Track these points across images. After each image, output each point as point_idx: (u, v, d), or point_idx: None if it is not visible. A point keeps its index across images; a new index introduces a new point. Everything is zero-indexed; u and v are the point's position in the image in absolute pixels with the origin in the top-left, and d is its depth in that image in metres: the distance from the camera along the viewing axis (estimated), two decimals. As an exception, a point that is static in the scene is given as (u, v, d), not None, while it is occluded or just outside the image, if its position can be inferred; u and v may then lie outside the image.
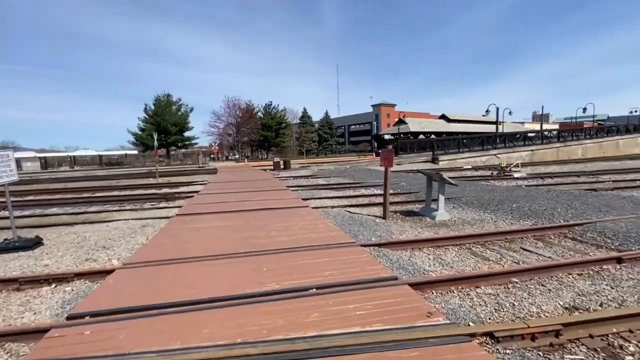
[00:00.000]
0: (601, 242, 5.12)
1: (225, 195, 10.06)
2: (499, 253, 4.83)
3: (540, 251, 4.87)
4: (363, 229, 6.12)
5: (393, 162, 6.82)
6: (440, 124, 55.73)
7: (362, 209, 8.35)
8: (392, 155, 6.81)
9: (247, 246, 4.77)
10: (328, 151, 67.15)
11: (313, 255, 4.32)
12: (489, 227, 6.19)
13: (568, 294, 3.45)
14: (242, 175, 18.29)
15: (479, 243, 5.30)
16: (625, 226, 5.65)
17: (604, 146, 32.27)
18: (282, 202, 8.56)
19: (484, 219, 6.87)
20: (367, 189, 11.90)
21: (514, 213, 7.08)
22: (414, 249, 5.06)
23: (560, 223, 6.04)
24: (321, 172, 20.26)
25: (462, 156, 23.46)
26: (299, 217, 6.78)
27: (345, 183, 13.75)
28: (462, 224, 6.48)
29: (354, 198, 10.06)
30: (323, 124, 68.45)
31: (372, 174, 16.62)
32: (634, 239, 5.06)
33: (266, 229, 5.83)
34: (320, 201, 9.60)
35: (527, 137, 29.29)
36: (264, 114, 55.26)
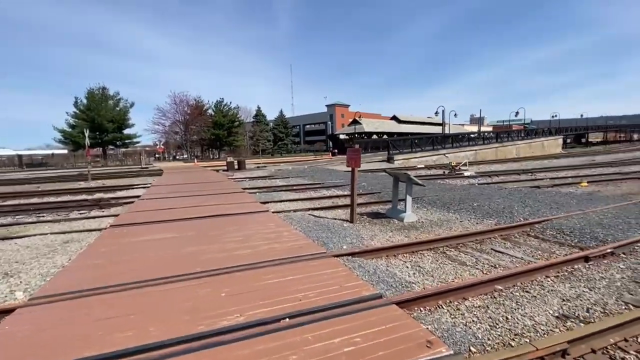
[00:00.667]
0: (562, 240, 5.24)
1: (171, 201, 8.92)
2: (473, 256, 4.67)
3: (510, 252, 4.80)
4: (332, 235, 5.64)
5: (360, 162, 6.46)
6: (392, 125, 57.89)
7: (327, 211, 7.88)
8: (359, 155, 6.43)
9: (199, 264, 3.99)
10: (284, 151, 66.12)
11: (281, 271, 3.71)
12: (457, 228, 6.10)
13: (553, 299, 3.30)
14: (191, 176, 16.81)
15: (452, 246, 5.13)
16: (578, 222, 5.90)
17: (533, 146, 36.05)
18: (238, 206, 7.75)
19: (450, 219, 6.81)
20: (328, 190, 11.49)
21: (476, 212, 7.14)
22: (389, 256, 4.70)
23: (521, 221, 6.16)
24: (279, 172, 19.50)
25: (415, 156, 24.36)
26: (259, 224, 6.09)
27: (306, 184, 13.22)
28: (430, 226, 6.33)
29: (317, 200, 9.57)
30: (278, 123, 67.20)
31: (332, 174, 16.32)
32: (588, 235, 5.26)
33: (222, 240, 5.06)
34: (281, 204, 8.94)
35: (471, 138, 31.51)
36: (215, 112, 52.46)
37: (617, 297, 3.30)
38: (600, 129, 73.12)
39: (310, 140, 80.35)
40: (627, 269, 3.99)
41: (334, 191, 11.21)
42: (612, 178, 12.76)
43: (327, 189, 11.69)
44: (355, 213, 6.69)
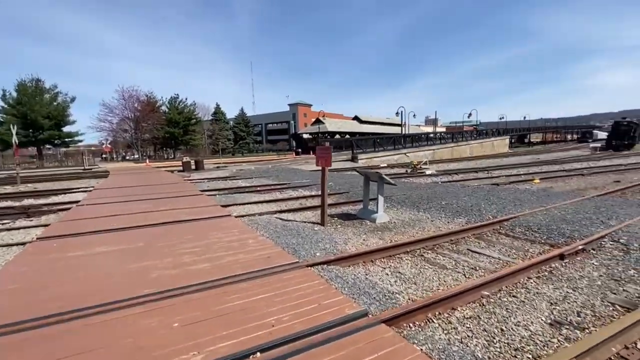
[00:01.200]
0: (532, 237, 5.26)
1: (117, 206, 7.84)
2: (452, 258, 4.47)
3: (486, 252, 4.69)
4: (303, 240, 5.16)
5: (331, 161, 6.05)
6: (354, 125, 58.66)
7: (295, 214, 7.38)
8: (329, 153, 6.02)
9: (146, 284, 3.31)
10: (245, 150, 64.17)
11: (248, 289, 3.17)
12: (430, 228, 5.94)
13: (541, 303, 3.14)
14: (142, 178, 15.32)
15: (428, 248, 4.91)
16: (543, 219, 6.03)
17: (484, 146, 38.51)
18: (196, 211, 6.97)
19: (421, 218, 6.67)
20: (295, 191, 10.98)
21: (445, 211, 7.09)
22: (366, 262, 4.34)
23: (491, 220, 6.16)
24: (241, 172, 18.55)
25: (378, 155, 24.68)
26: (220, 230, 5.44)
27: (271, 184, 12.57)
28: (403, 226, 6.11)
29: (284, 202, 9.02)
30: (239, 122, 65.03)
31: (297, 174, 15.81)
32: (556, 231, 5.34)
33: (176, 252, 4.37)
34: (245, 207, 8.27)
35: (429, 138, 32.80)
36: (169, 108, 49.24)
37: (602, 297, 3.22)
38: (540, 130, 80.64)
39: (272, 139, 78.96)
40: (601, 265, 4.01)
41: (301, 192, 10.72)
42: (559, 175, 13.74)
43: (294, 190, 11.17)
44: (327, 215, 6.27)
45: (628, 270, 3.85)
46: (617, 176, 13.30)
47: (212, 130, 57.40)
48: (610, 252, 4.45)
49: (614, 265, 3.99)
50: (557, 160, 22.67)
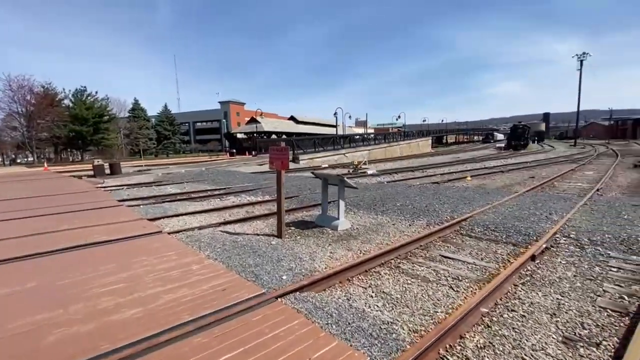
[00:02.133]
0: (493, 237, 5.26)
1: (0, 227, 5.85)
2: (429, 267, 4.13)
3: (459, 257, 4.47)
4: (261, 259, 4.30)
5: (288, 163, 5.28)
6: (290, 125, 58.00)
7: (243, 225, 6.40)
8: (287, 154, 5.25)
9: (39, 356, 2.15)
10: (171, 151, 58.55)
11: (202, 347, 2.26)
12: (394, 233, 5.60)
13: (542, 316, 2.90)
14: (38, 186, 12.31)
15: (402, 257, 4.51)
16: (496, 217, 6.18)
17: (412, 146, 41.55)
18: (115, 229, 5.52)
19: (382, 222, 6.32)
20: (238, 196, 9.84)
21: (403, 212, 6.89)
22: (343, 282, 3.70)
23: (450, 220, 6.10)
24: (169, 176, 16.36)
25: (318, 155, 24.47)
26: (151, 253, 4.25)
27: (208, 190, 11.14)
28: (367, 232, 5.66)
29: (226, 210, 7.88)
30: (162, 119, 59.01)
31: (236, 177, 14.49)
32: (511, 229, 5.45)
33: (89, 291, 3.16)
34: (179, 220, 6.94)
35: (365, 139, 33.98)
36: (74, 103, 42.04)
37: (591, 302, 3.13)
38: (453, 132, 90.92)
39: (202, 139, 73.81)
40: (569, 264, 4.06)
41: (245, 197, 9.65)
42: (484, 173, 15.12)
43: (236, 196, 10.02)
44: (284, 225, 5.48)
45: (593, 267, 3.94)
46: (528, 172, 15.17)
47: (130, 129, 50.93)
48: (567, 248, 4.61)
49: (579, 263, 4.07)
50: (475, 159, 25.35)
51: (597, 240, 4.73)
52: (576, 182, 11.75)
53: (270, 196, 9.54)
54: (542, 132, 71.66)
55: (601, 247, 4.51)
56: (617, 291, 3.31)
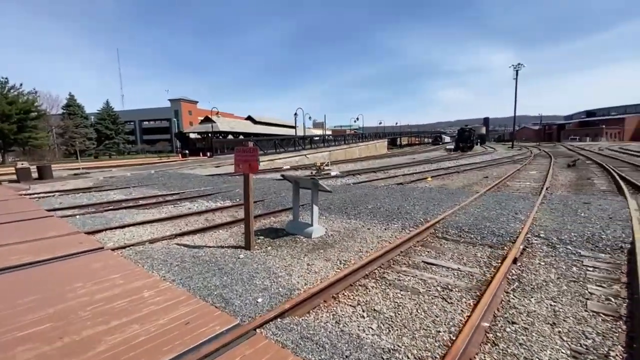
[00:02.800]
0: (469, 239, 5.20)
1: None
2: (415, 276, 3.86)
3: (442, 262, 4.28)
4: (229, 278, 3.71)
5: (257, 165, 4.71)
6: (247, 125, 56.18)
7: (203, 236, 5.67)
8: (256, 156, 4.68)
9: None
10: (113, 151, 53.49)
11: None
12: (371, 239, 5.30)
13: (544, 327, 2.74)
14: (-62, 195, 10.12)
15: (385, 266, 4.20)
16: (467, 218, 6.19)
17: (370, 147, 42.57)
18: (42, 246, 4.51)
19: (356, 227, 6.01)
20: (194, 202, 8.92)
21: (376, 215, 6.65)
22: (328, 301, 3.27)
23: (424, 223, 5.98)
24: (111, 181, 14.59)
25: (280, 156, 23.77)
26: (90, 277, 3.46)
27: (159, 196, 10.00)
28: (342, 239, 5.29)
29: (182, 219, 7.01)
30: (103, 117, 53.70)
31: (191, 180, 13.33)
32: (484, 230, 5.45)
33: (3, 335, 2.36)
34: (125, 232, 5.98)
35: (326, 140, 33.95)
36: (-8, 96, 36.32)
37: (583, 306, 3.06)
38: (406, 134, 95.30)
39: (150, 139, 68.68)
40: (548, 265, 4.05)
41: (203, 203, 8.78)
42: (442, 173, 15.70)
43: (193, 201, 9.09)
44: (253, 235, 4.89)
45: (571, 267, 3.97)
46: (481, 172, 16.08)
47: (64, 127, 45.52)
48: (541, 248, 4.66)
49: (557, 264, 4.09)
50: (430, 160, 26.51)
51: (565, 239, 4.86)
52: (525, 181, 12.62)
53: (231, 201, 8.80)
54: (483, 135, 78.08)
55: (571, 246, 4.63)
56: (602, 293, 3.31)
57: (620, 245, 4.50)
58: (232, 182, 12.65)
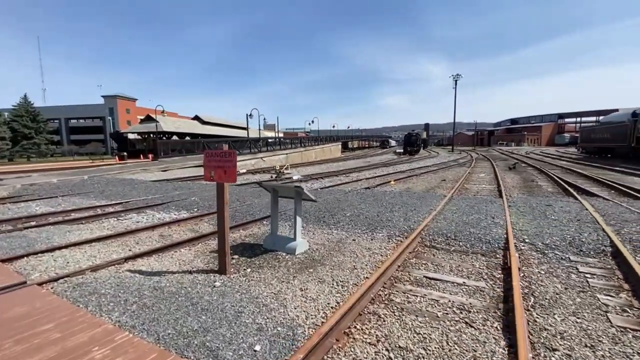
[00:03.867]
0: (459, 247, 5.01)
1: None
2: (425, 297, 3.47)
3: (445, 277, 3.97)
4: (209, 317, 2.93)
5: (236, 172, 3.95)
6: (195, 125, 52.56)
7: (162, 257, 4.69)
8: (234, 160, 3.91)
9: None
10: (33, 153, 46.33)
11: None
12: (361, 252, 4.83)
13: (587, 353, 2.48)
14: None
15: (387, 285, 3.76)
16: (449, 224, 6.06)
17: (325, 150, 42.63)
18: None
19: (341, 238, 5.51)
20: (142, 214, 7.64)
21: (357, 224, 6.22)
22: (341, 340, 2.69)
23: (409, 231, 5.69)
24: (33, 189, 12.17)
25: (234, 159, 22.27)
26: (8, 331, 2.44)
27: (97, 207, 8.42)
28: (330, 254, 4.74)
29: (131, 236, 5.84)
30: (20, 114, 46.24)
31: (135, 187, 11.67)
32: (472, 237, 5.32)
33: None
34: (57, 258, 4.70)
35: (282, 142, 33.05)
36: None
37: (607, 322, 2.90)
38: (356, 138, 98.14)
39: (79, 139, 61.04)
40: (548, 274, 3.95)
41: (154, 215, 7.56)
42: (402, 177, 15.98)
43: (140, 213, 7.80)
44: (229, 256, 4.10)
45: (569, 275, 3.91)
46: (437, 175, 16.73)
47: (-36, 124, 38.16)
48: (532, 254, 4.61)
49: (555, 271, 4.02)
50: (385, 163, 27.20)
51: (550, 244, 4.89)
52: (480, 184, 13.30)
53: (188, 212, 7.72)
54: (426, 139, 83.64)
55: (558, 251, 4.65)
56: (615, 303, 3.22)
57: (602, 249, 4.63)
58: (184, 188, 11.34)
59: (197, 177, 16.06)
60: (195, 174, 17.96)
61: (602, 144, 27.66)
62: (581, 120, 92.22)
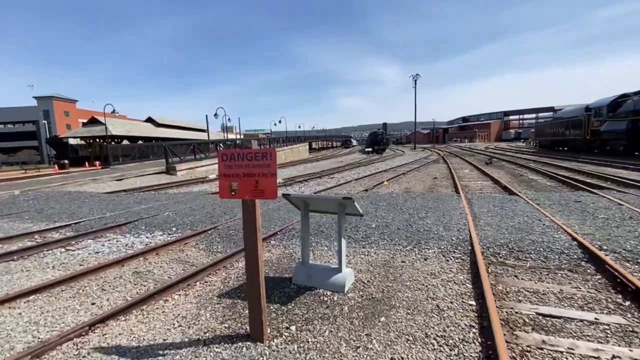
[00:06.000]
0: (537, 264, 4.07)
1: None
2: (572, 355, 2.39)
3: (564, 312, 2.94)
4: None
5: (276, 182, 2.55)
6: (148, 128, 48.03)
7: (148, 316, 3.12)
8: (272, 166, 2.52)
9: None
10: (-55, 165, 39.12)
11: None
12: (428, 281, 3.67)
13: None
14: None
15: (509, 341, 2.61)
16: (497, 232, 5.14)
17: (294, 151, 41.12)
18: None
19: (385, 259, 4.30)
20: (99, 240, 5.78)
21: (393, 238, 5.04)
22: None
23: (460, 244, 4.66)
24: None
25: (201, 164, 20.05)
26: None
27: (35, 232, 6.28)
28: (387, 287, 3.51)
29: (91, 278, 4.09)
30: None
31: (85, 202, 9.41)
32: (540, 247, 4.42)
33: None
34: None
35: (250, 144, 31.08)
36: None
37: None
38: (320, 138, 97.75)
39: (7, 147, 53.13)
40: None
41: (118, 240, 5.73)
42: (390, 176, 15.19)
43: (97, 238, 5.91)
44: (265, 314, 2.68)
45: None
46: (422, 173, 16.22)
47: None
48: (625, 265, 3.78)
49: None
50: (360, 163, 26.51)
51: (634, 250, 4.12)
52: (474, 180, 12.86)
53: (165, 233, 6.02)
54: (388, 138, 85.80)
55: None
56: None
57: (702, 254, 3.93)
58: (150, 200, 9.38)
59: (162, 186, 13.87)
60: (159, 181, 15.65)
61: (557, 137, 29.54)
62: (523, 118, 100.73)
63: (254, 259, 2.56)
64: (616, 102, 20.74)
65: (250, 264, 2.59)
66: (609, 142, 21.27)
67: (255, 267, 2.56)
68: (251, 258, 2.58)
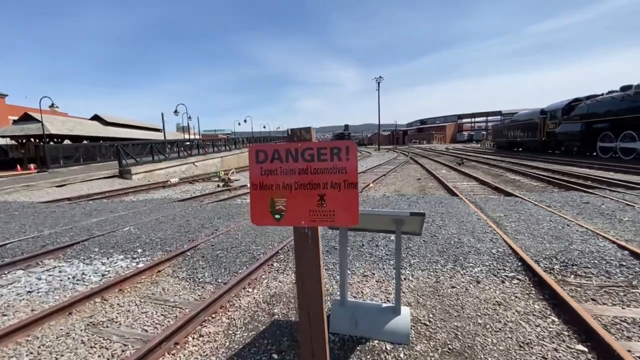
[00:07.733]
0: (598, 279, 3.48)
1: None
2: None
3: None
4: None
5: (358, 199, 1.56)
6: (95, 127, 43.14)
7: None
8: (354, 171, 1.52)
9: None
10: None
11: None
12: (499, 314, 2.88)
13: None
14: None
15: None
16: (538, 243, 4.55)
17: (259, 152, 39.48)
18: None
19: (427, 284, 3.45)
20: (32, 271, 4.25)
21: (422, 255, 4.23)
22: None
23: (506, 257, 3.97)
24: None
25: (160, 166, 17.85)
26: None
27: None
28: (452, 328, 2.65)
29: (20, 338, 2.72)
30: None
31: (14, 216, 7.45)
32: (595, 259, 3.87)
33: None
34: None
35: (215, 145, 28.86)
36: None
37: None
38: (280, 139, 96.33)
39: None
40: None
41: (62, 269, 4.25)
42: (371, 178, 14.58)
43: (32, 268, 4.37)
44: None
45: None
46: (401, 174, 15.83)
47: None
48: None
49: None
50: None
51: (697, 261, 3.70)
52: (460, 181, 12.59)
53: (126, 256, 4.65)
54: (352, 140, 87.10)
55: None
56: None
57: None
58: (103, 211, 7.70)
59: (117, 192, 11.89)
60: (111, 187, 13.51)
61: (513, 139, 31.30)
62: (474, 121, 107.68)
63: (321, 340, 1.53)
64: (570, 106, 22.21)
65: (310, 345, 1.56)
66: (563, 143, 22.72)
67: (322, 347, 1.54)
68: (317, 341, 1.55)
